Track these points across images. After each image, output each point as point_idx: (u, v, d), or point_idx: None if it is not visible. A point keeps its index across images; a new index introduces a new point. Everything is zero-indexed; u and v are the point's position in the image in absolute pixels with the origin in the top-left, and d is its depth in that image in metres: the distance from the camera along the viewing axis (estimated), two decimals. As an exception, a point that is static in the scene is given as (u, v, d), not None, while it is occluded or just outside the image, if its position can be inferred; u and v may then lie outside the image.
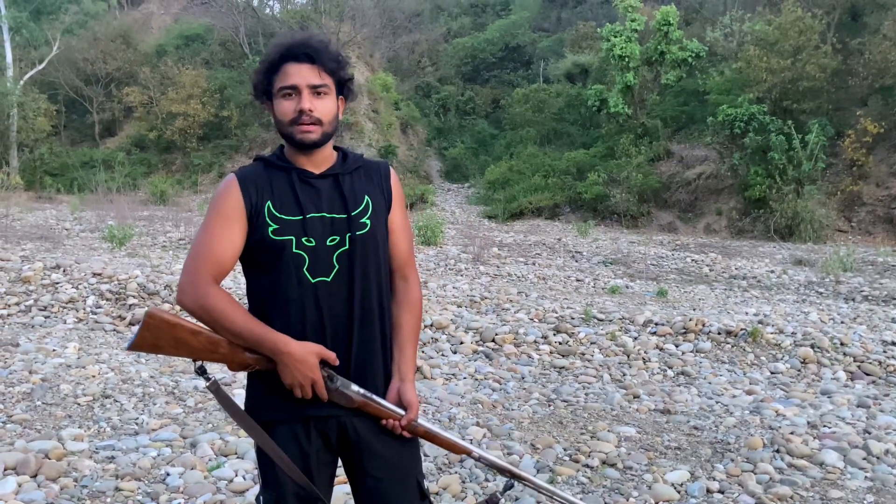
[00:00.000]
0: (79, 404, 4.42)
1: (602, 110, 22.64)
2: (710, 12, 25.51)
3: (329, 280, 1.73)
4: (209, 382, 1.70)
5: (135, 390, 4.70)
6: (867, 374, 5.84)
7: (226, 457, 3.74)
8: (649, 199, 19.81)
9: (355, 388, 1.72)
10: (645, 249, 14.17)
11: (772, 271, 11.53)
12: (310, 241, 1.71)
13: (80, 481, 3.36)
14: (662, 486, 3.53)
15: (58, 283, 7.22)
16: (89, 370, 5.02)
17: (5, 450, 3.60)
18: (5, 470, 3.38)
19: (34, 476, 3.36)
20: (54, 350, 5.51)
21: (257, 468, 1.84)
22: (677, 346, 6.40)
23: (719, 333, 6.58)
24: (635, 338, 6.56)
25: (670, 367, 5.94)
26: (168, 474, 3.47)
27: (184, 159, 24.11)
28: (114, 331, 6.41)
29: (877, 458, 3.96)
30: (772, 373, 5.92)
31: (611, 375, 5.70)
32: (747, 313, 7.67)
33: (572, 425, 4.43)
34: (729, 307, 8.40)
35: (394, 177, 1.90)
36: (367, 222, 1.77)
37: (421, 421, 1.79)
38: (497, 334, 6.45)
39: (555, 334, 6.57)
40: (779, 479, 3.66)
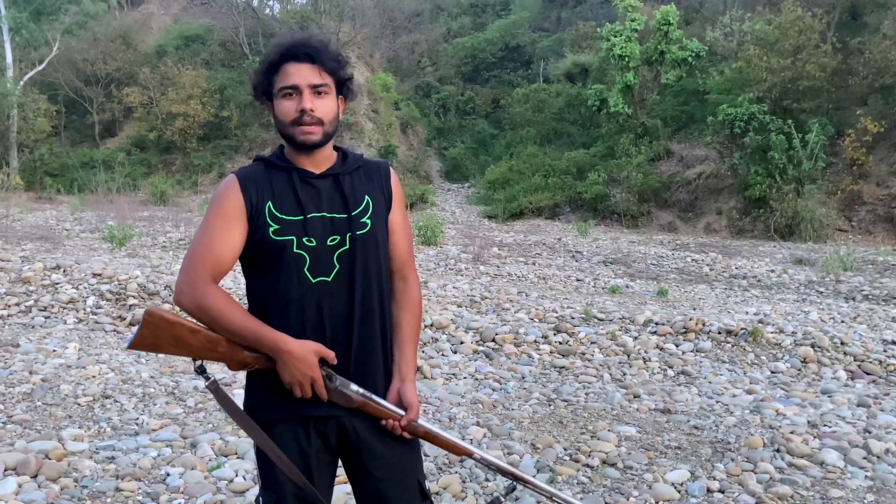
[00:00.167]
0: (79, 404, 4.42)
1: (602, 110, 22.64)
2: (710, 12, 25.51)
3: (329, 280, 1.73)
4: (208, 382, 1.70)
5: (135, 390, 4.70)
6: (867, 374, 5.84)
7: (226, 457, 3.74)
8: (649, 199, 19.81)
9: (354, 387, 1.72)
10: (645, 249, 14.17)
11: (772, 271, 11.53)
12: (310, 241, 1.71)
13: (80, 481, 3.36)
14: (663, 486, 3.52)
15: (58, 283, 7.22)
16: (89, 370, 5.02)
17: (5, 450, 3.60)
18: (5, 470, 3.38)
19: (34, 476, 3.36)
20: (54, 350, 5.51)
21: (257, 468, 1.84)
22: (677, 346, 6.40)
23: (719, 333, 6.58)
24: (635, 337, 6.56)
25: (670, 367, 5.94)
26: (168, 474, 3.47)
27: (184, 160, 24.11)
28: (114, 331, 6.41)
29: (877, 457, 3.96)
30: (772, 372, 5.92)
31: (611, 375, 5.70)
32: (747, 313, 7.67)
33: (572, 425, 4.43)
34: (729, 307, 8.40)
35: (394, 177, 1.90)
36: (368, 222, 1.77)
37: (421, 422, 1.79)
38: (497, 334, 6.45)
39: (555, 334, 6.56)
40: (779, 479, 3.66)
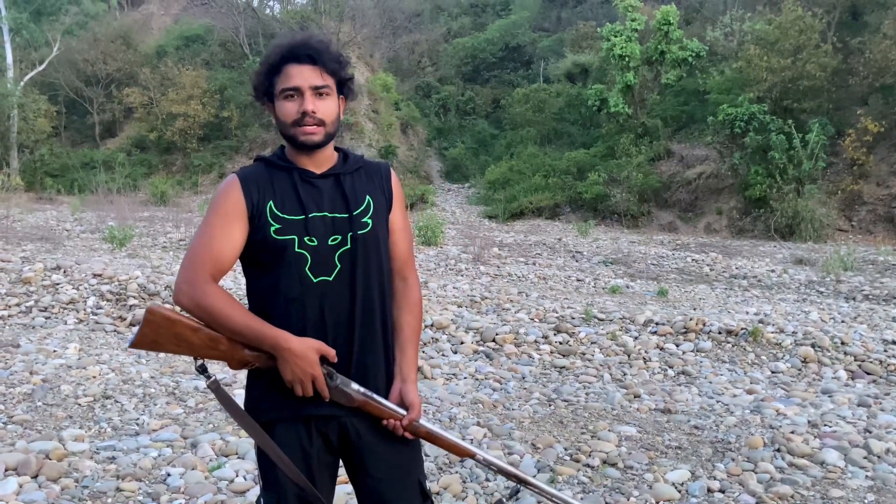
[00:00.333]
0: (79, 405, 4.42)
1: (602, 110, 22.64)
2: (711, 12, 25.51)
3: (331, 279, 1.73)
4: (209, 381, 1.70)
5: (135, 391, 4.70)
6: (868, 373, 5.84)
7: (226, 457, 3.74)
8: (650, 199, 19.81)
9: (356, 386, 1.72)
10: (645, 249, 14.17)
11: (772, 270, 11.53)
12: (312, 241, 1.71)
13: (80, 482, 3.36)
14: (663, 486, 3.52)
15: (58, 283, 7.22)
16: (90, 371, 5.02)
17: (6, 450, 3.60)
18: (6, 471, 3.38)
19: (35, 477, 3.36)
20: (55, 351, 5.51)
21: (258, 469, 1.84)
22: (678, 346, 6.40)
23: (720, 333, 6.58)
24: (636, 337, 6.56)
25: (671, 367, 5.94)
26: (169, 475, 3.47)
27: (184, 160, 24.12)
28: (114, 331, 6.41)
29: (877, 457, 3.96)
30: (772, 372, 5.92)
31: (611, 375, 5.70)
32: (748, 313, 7.67)
33: (573, 425, 4.43)
34: (729, 306, 8.40)
35: (394, 178, 1.90)
36: (369, 222, 1.77)
37: (423, 422, 1.79)
38: (497, 334, 6.45)
39: (555, 334, 6.56)
40: (779, 479, 3.66)
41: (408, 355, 1.84)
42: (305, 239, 1.71)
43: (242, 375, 4.29)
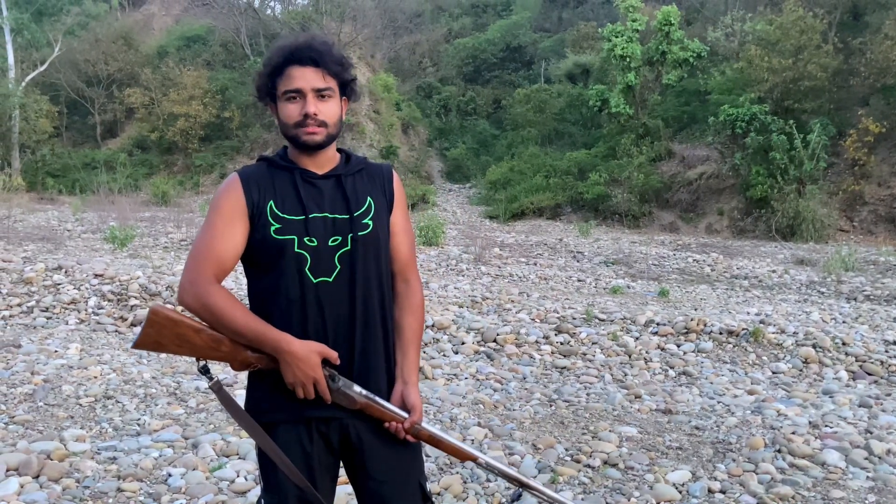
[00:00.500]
0: (81, 405, 4.43)
1: (603, 110, 22.64)
2: (712, 12, 25.50)
3: (331, 280, 1.73)
4: (211, 382, 1.70)
5: (136, 391, 4.71)
6: (869, 374, 5.84)
7: (227, 457, 3.74)
8: (651, 199, 19.80)
9: (357, 388, 1.72)
10: (646, 249, 14.17)
11: (773, 271, 11.52)
12: (312, 241, 1.71)
13: (82, 482, 3.36)
14: (664, 487, 3.52)
15: (60, 284, 7.23)
16: (91, 371, 5.03)
17: (7, 451, 3.60)
18: (7, 471, 3.39)
19: (36, 477, 3.37)
20: (56, 351, 5.52)
21: (259, 469, 1.84)
22: (679, 346, 6.40)
23: (721, 333, 6.58)
24: (637, 338, 6.56)
25: (672, 367, 5.94)
26: (170, 475, 3.47)
27: (185, 160, 24.13)
28: (115, 332, 6.42)
29: (879, 457, 3.96)
30: (773, 372, 5.91)
31: (612, 375, 5.70)
32: (749, 313, 7.66)
33: (574, 425, 4.43)
34: (730, 307, 8.40)
35: (396, 179, 1.90)
36: (370, 223, 1.77)
37: (425, 425, 1.79)
38: (498, 335, 6.45)
39: (556, 334, 6.56)
40: (780, 479, 3.66)
41: (409, 357, 1.84)
42: (305, 239, 1.71)
43: (244, 376, 4.29)
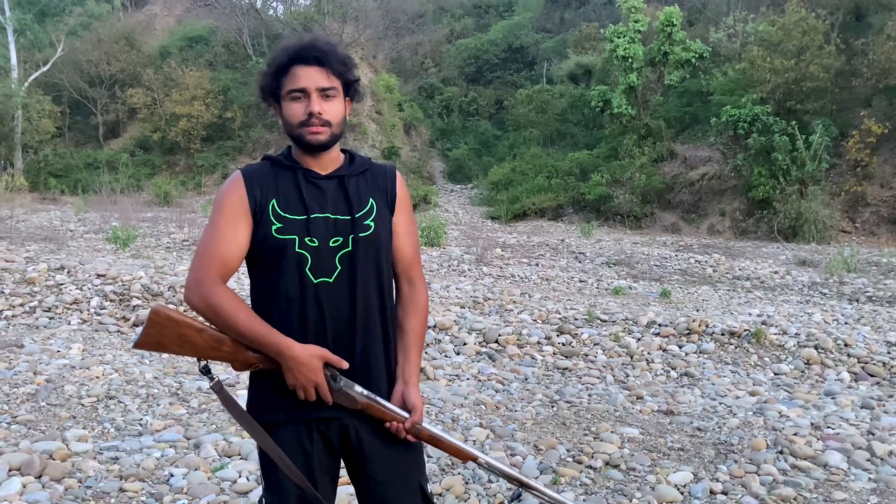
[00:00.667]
0: (83, 405, 4.43)
1: (605, 111, 22.64)
2: (714, 13, 25.48)
3: (331, 281, 1.73)
4: (213, 382, 1.70)
5: (139, 391, 4.71)
6: (871, 375, 5.83)
7: (229, 458, 3.74)
8: (653, 200, 19.79)
9: (359, 388, 1.72)
10: (648, 250, 14.16)
11: (775, 272, 11.51)
12: (313, 241, 1.71)
13: (84, 482, 3.37)
14: (666, 488, 3.52)
15: (62, 284, 7.24)
16: (93, 371, 5.04)
17: (10, 450, 3.61)
18: (10, 471, 3.39)
19: (38, 477, 3.37)
20: (58, 351, 5.53)
21: (260, 470, 1.84)
22: (681, 347, 6.40)
23: (723, 334, 6.57)
24: (639, 339, 6.55)
25: (674, 368, 5.94)
26: (172, 475, 3.47)
27: (187, 160, 24.16)
28: (118, 332, 6.43)
29: (881, 459, 3.95)
30: (775, 374, 5.91)
31: (614, 376, 5.70)
32: (751, 314, 7.65)
33: (575, 426, 4.43)
34: (732, 308, 8.39)
35: (400, 180, 1.90)
36: (371, 224, 1.77)
37: (426, 425, 1.79)
38: (500, 335, 6.45)
39: (558, 335, 6.56)
40: (782, 481, 3.65)
41: (410, 358, 1.83)
42: (306, 239, 1.71)
43: (245, 376, 4.29)
